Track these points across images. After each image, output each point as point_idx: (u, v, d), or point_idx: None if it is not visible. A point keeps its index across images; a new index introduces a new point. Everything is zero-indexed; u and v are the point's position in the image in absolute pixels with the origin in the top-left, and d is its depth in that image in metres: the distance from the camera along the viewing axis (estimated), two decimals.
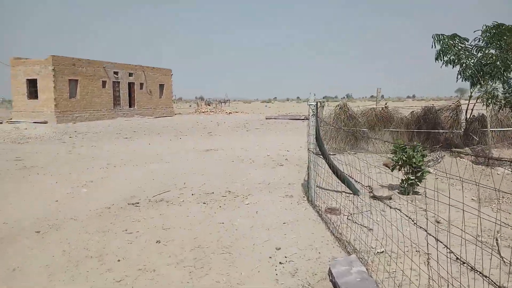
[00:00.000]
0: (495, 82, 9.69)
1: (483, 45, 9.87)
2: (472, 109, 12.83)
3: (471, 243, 4.46)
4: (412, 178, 7.25)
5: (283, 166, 10.22)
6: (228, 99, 61.55)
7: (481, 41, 9.85)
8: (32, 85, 29.61)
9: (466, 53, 9.83)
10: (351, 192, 7.20)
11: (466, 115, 12.92)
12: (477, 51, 10.03)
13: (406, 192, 7.31)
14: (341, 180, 7.12)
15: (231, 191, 7.60)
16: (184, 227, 5.61)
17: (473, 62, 9.71)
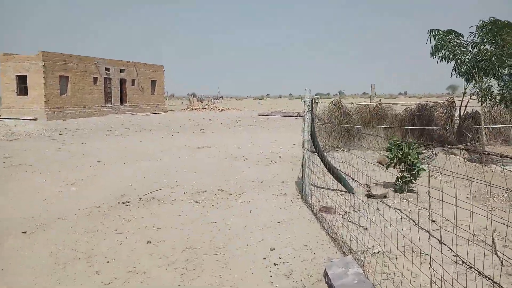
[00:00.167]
0: (489, 78, 9.65)
1: (478, 41, 9.81)
2: (466, 106, 12.80)
3: (467, 242, 4.38)
4: (407, 176, 7.16)
5: (276, 164, 10.10)
6: (221, 95, 61.18)
7: (476, 36, 9.78)
8: (22, 81, 29.16)
9: (461, 49, 9.76)
10: (345, 190, 7.10)
11: (460, 112, 12.90)
12: (472, 47, 9.96)
13: (401, 190, 7.22)
14: (336, 178, 7.02)
15: (224, 189, 7.46)
16: (175, 227, 5.46)
17: (468, 58, 9.64)
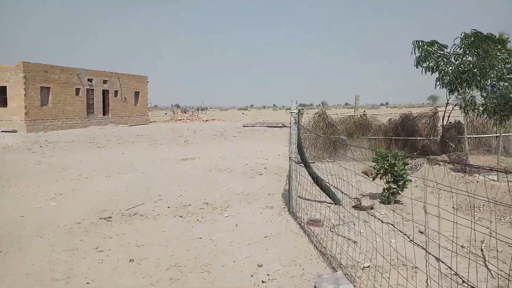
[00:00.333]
0: (472, 89, 9.75)
1: (461, 52, 9.93)
2: (449, 116, 12.94)
3: (456, 253, 4.32)
4: (393, 187, 7.13)
5: (262, 175, 9.98)
6: (205, 106, 60.99)
7: (459, 48, 9.91)
8: (1, 92, 28.53)
9: (444, 60, 9.87)
10: (333, 202, 7.02)
11: (443, 122, 13.03)
12: (455, 58, 10.08)
13: (387, 201, 7.18)
14: (323, 190, 6.93)
15: (209, 202, 7.30)
16: (159, 243, 5.29)
17: (451, 70, 9.74)
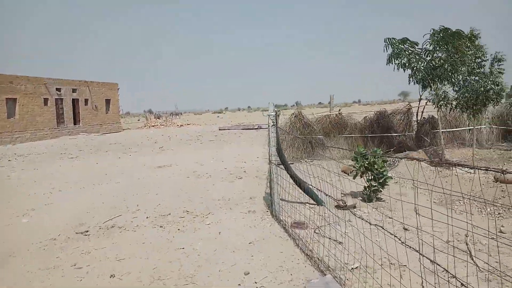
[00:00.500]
0: (444, 84, 9.90)
1: (431, 48, 10.07)
2: (423, 112, 13.15)
3: (442, 248, 4.31)
4: (374, 184, 7.13)
5: (242, 179, 9.85)
6: (179, 111, 60.35)
7: (429, 45, 10.04)
8: None
9: (416, 57, 9.98)
10: (315, 203, 6.96)
11: (417, 117, 13.22)
12: (426, 54, 10.21)
13: (369, 199, 7.17)
14: (304, 191, 6.86)
15: (189, 210, 7.12)
16: (140, 256, 5.09)
17: (423, 66, 9.86)
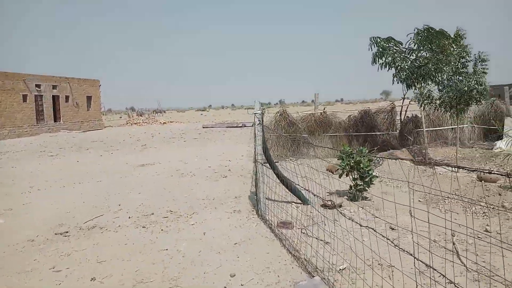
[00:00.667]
0: (428, 83, 9.95)
1: (415, 48, 10.11)
2: (406, 111, 13.23)
3: (430, 248, 4.28)
4: (360, 183, 7.10)
5: (226, 178, 9.73)
6: (162, 109, 59.67)
7: (413, 44, 10.07)
8: None
9: (400, 56, 10.00)
10: (301, 202, 6.89)
11: (401, 116, 13.29)
12: (410, 53, 10.25)
13: (355, 198, 7.14)
14: (290, 190, 6.79)
15: (172, 210, 6.97)
16: (122, 257, 4.93)
17: (407, 65, 9.89)
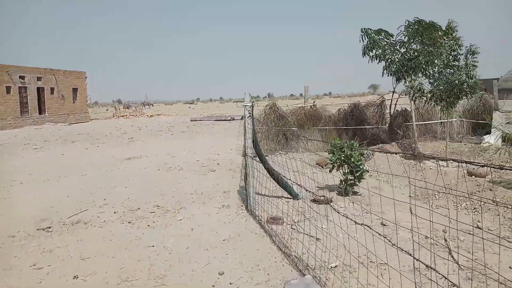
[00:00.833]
0: (418, 76, 9.87)
1: (406, 40, 10.01)
2: (396, 104, 13.18)
3: (421, 244, 4.20)
4: (351, 178, 7.00)
5: (215, 172, 9.58)
6: (149, 101, 58.99)
7: (404, 36, 9.97)
8: None
9: (391, 48, 9.90)
10: (291, 197, 6.78)
11: (390, 110, 13.25)
12: (400, 46, 10.15)
13: (345, 192, 7.04)
14: (281, 185, 6.67)
15: (159, 205, 6.80)
16: (107, 254, 4.76)
17: (397, 58, 9.79)
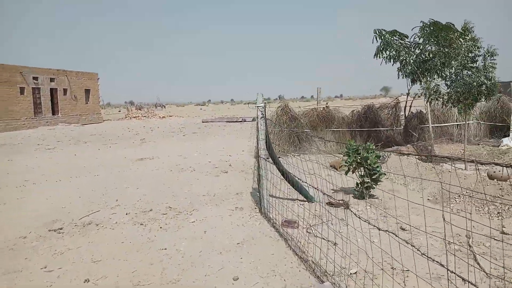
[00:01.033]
0: (434, 78, 9.66)
1: (421, 42, 9.81)
2: (411, 106, 12.94)
3: (445, 251, 4.02)
4: (367, 180, 6.82)
5: (227, 173, 9.45)
6: (161, 103, 59.14)
7: (419, 38, 9.77)
8: None
9: (405, 49, 9.70)
10: (305, 199, 6.63)
11: (405, 112, 13.01)
12: (415, 47, 9.95)
13: (361, 196, 6.87)
14: (295, 188, 6.52)
15: (172, 206, 6.69)
16: (118, 257, 4.66)
17: (412, 59, 9.59)
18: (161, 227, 5.65)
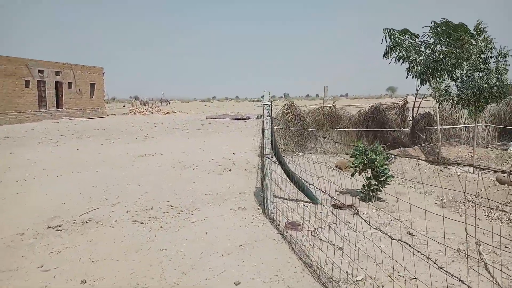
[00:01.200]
0: (443, 79, 9.45)
1: (432, 41, 9.59)
2: (418, 107, 12.73)
3: (454, 257, 3.85)
4: (374, 183, 6.65)
5: (230, 172, 9.30)
6: (166, 99, 59.04)
7: (430, 37, 9.55)
8: None
9: (415, 49, 9.48)
10: (310, 201, 6.47)
11: (413, 113, 12.80)
12: (425, 47, 9.74)
13: (368, 198, 6.70)
14: (300, 189, 6.36)
15: (173, 205, 6.55)
16: (117, 257, 4.52)
17: (422, 59, 9.38)
18: (161, 227, 5.50)
